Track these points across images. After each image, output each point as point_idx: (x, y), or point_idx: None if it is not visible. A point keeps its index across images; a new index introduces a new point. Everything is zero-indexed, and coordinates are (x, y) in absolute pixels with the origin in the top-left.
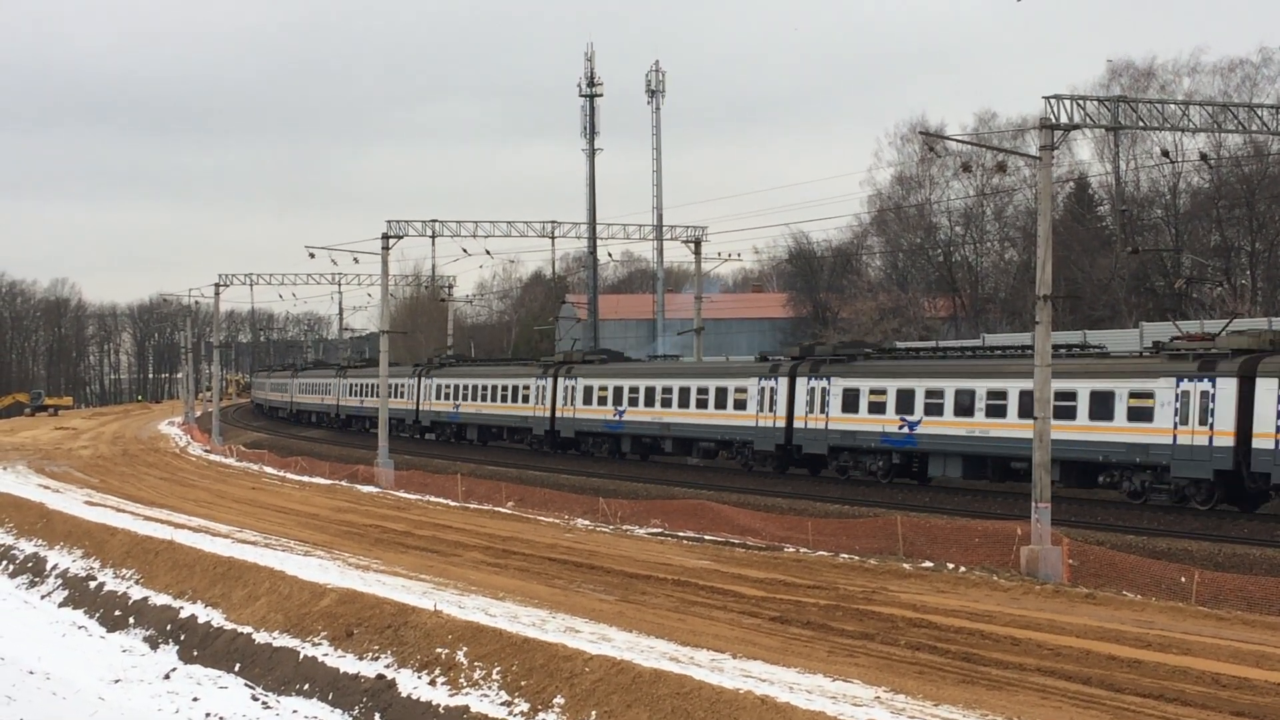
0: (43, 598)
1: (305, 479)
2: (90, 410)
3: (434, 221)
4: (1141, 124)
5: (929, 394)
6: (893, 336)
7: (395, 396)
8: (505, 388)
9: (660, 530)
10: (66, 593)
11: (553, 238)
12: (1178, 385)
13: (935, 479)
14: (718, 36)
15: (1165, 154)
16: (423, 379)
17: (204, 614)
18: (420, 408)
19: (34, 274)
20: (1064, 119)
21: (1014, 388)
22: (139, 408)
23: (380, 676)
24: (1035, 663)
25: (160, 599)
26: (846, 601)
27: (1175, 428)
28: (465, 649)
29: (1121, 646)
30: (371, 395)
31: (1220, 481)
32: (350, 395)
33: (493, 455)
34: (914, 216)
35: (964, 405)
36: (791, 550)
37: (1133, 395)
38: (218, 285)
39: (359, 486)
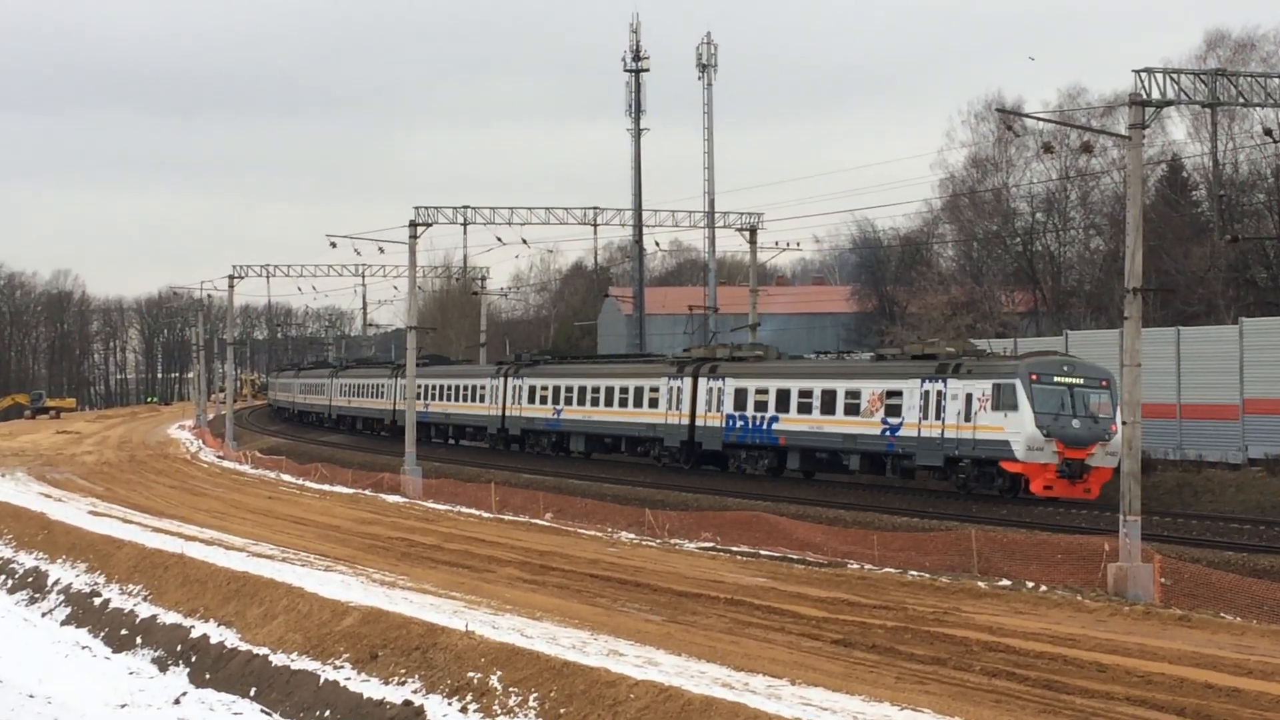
0: (44, 615)
1: (326, 488)
2: (95, 413)
3: (466, 208)
4: (1242, 100)
5: (779, 393)
6: (966, 334)
7: (471, 400)
8: (626, 390)
9: (712, 545)
10: (69, 610)
11: (595, 225)
12: (921, 385)
13: (789, 472)
14: (773, 7)
15: (1268, 133)
16: (509, 379)
17: (217, 634)
18: (506, 413)
19: (34, 265)
20: (1156, 95)
21: (842, 387)
22: (147, 410)
23: (407, 703)
24: (1124, 691)
25: (170, 617)
26: (916, 623)
27: (920, 422)
28: (499, 673)
29: (1219, 674)
30: (448, 398)
31: (948, 466)
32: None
33: (530, 462)
34: (990, 202)
35: (805, 404)
36: (855, 567)
37: (889, 394)
38: (232, 277)
39: (384, 496)
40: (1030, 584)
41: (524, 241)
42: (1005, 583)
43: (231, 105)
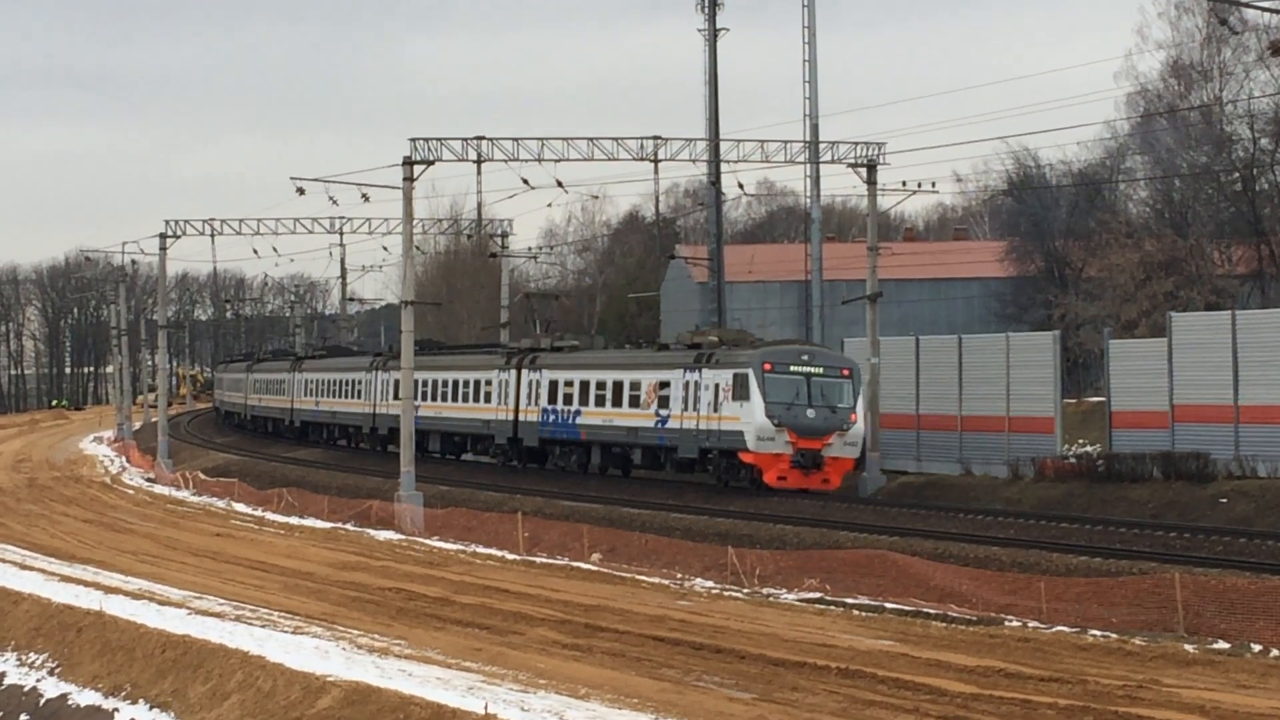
0: None
1: (294, 521)
2: None
3: (479, 139)
4: None
5: (581, 385)
6: (1165, 304)
7: (472, 400)
8: (468, 384)
9: (818, 595)
10: None
11: (655, 161)
12: (683, 376)
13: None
14: None
15: None
16: (525, 372)
17: None
18: (521, 417)
19: None
20: None
21: (627, 379)
22: (51, 416)
23: None
24: None
25: (85, 697)
26: (1100, 701)
27: (681, 413)
28: None
29: None
30: (452, 399)
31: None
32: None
33: (573, 485)
34: (1197, 124)
35: (600, 396)
36: (1015, 624)
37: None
38: (164, 235)
39: (372, 532)
40: (1257, 647)
41: (559, 184)
42: (1222, 645)
43: (162, 2)
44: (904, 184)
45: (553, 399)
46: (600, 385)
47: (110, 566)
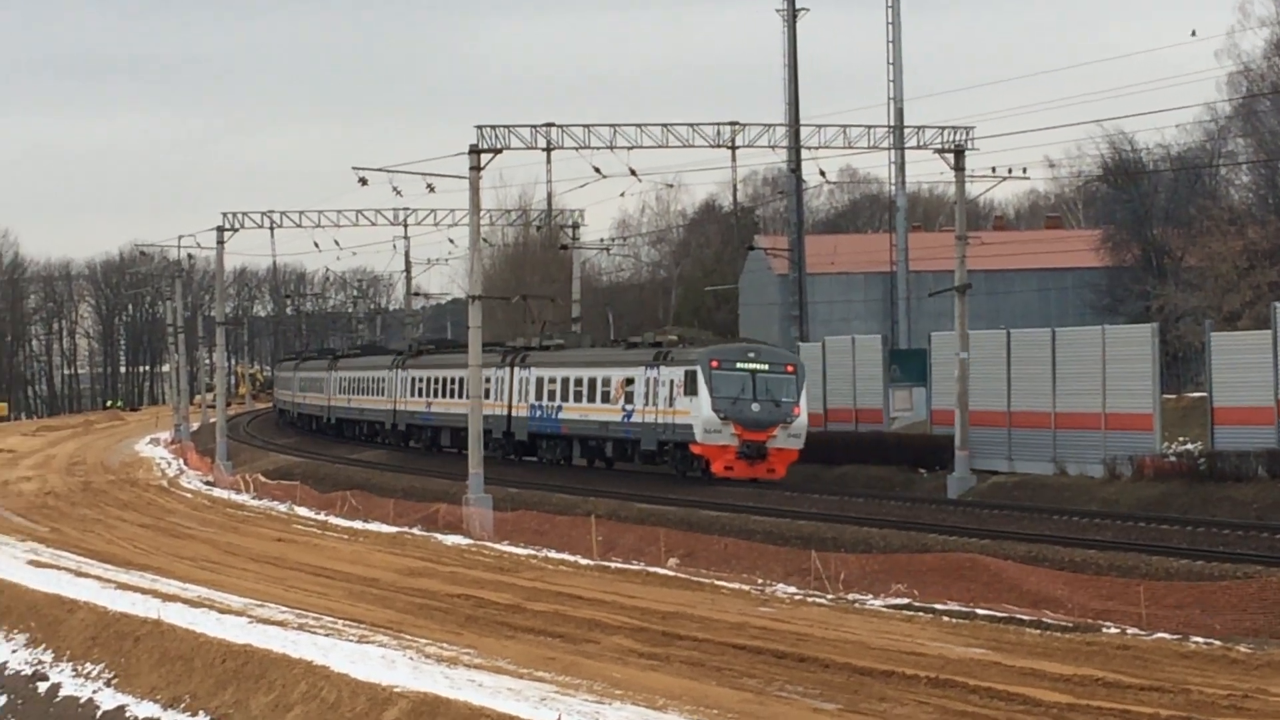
0: None
1: (358, 525)
2: (34, 423)
3: (549, 126)
4: None
5: (563, 381)
6: (1269, 294)
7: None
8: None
9: (906, 601)
10: (4, 699)
11: (733, 148)
12: (645, 372)
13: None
14: None
15: None
16: (517, 370)
17: None
18: (514, 413)
19: None
20: None
21: (600, 375)
22: (107, 418)
23: None
24: None
25: (143, 709)
26: (1203, 712)
27: (643, 407)
28: None
29: None
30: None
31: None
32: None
33: (648, 487)
34: None
35: (578, 392)
36: (1113, 631)
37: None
38: (222, 229)
39: (439, 536)
40: None
41: (632, 173)
42: None
43: None
44: (993, 170)
45: (539, 395)
46: (578, 382)
47: (168, 573)
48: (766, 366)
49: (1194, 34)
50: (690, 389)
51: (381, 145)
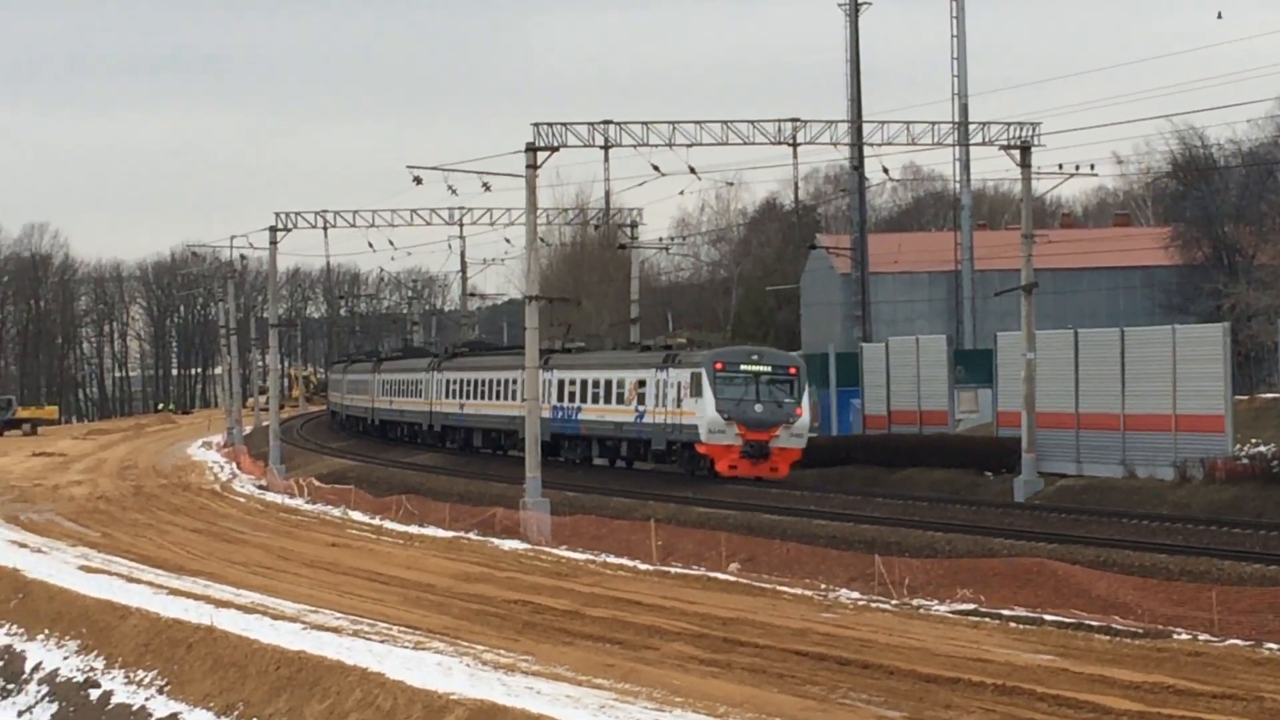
0: (20, 715)
1: (413, 530)
2: (85, 426)
3: (606, 124)
4: None
5: (582, 384)
6: None
7: (504, 398)
8: (502, 383)
9: (971, 606)
10: (55, 706)
11: (794, 145)
12: (655, 374)
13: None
14: None
15: None
16: (541, 372)
17: None
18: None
19: None
20: None
21: (615, 377)
22: (158, 421)
23: None
24: None
25: (196, 716)
26: None
27: (653, 409)
28: None
29: None
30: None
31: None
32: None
33: (709, 490)
34: None
35: (596, 394)
36: (1185, 637)
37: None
38: (275, 229)
39: (496, 541)
40: None
41: (692, 170)
42: None
43: None
44: (1060, 167)
45: (561, 397)
46: (595, 384)
47: (221, 579)
48: (769, 369)
49: (1220, 16)
50: (696, 391)
51: (436, 144)
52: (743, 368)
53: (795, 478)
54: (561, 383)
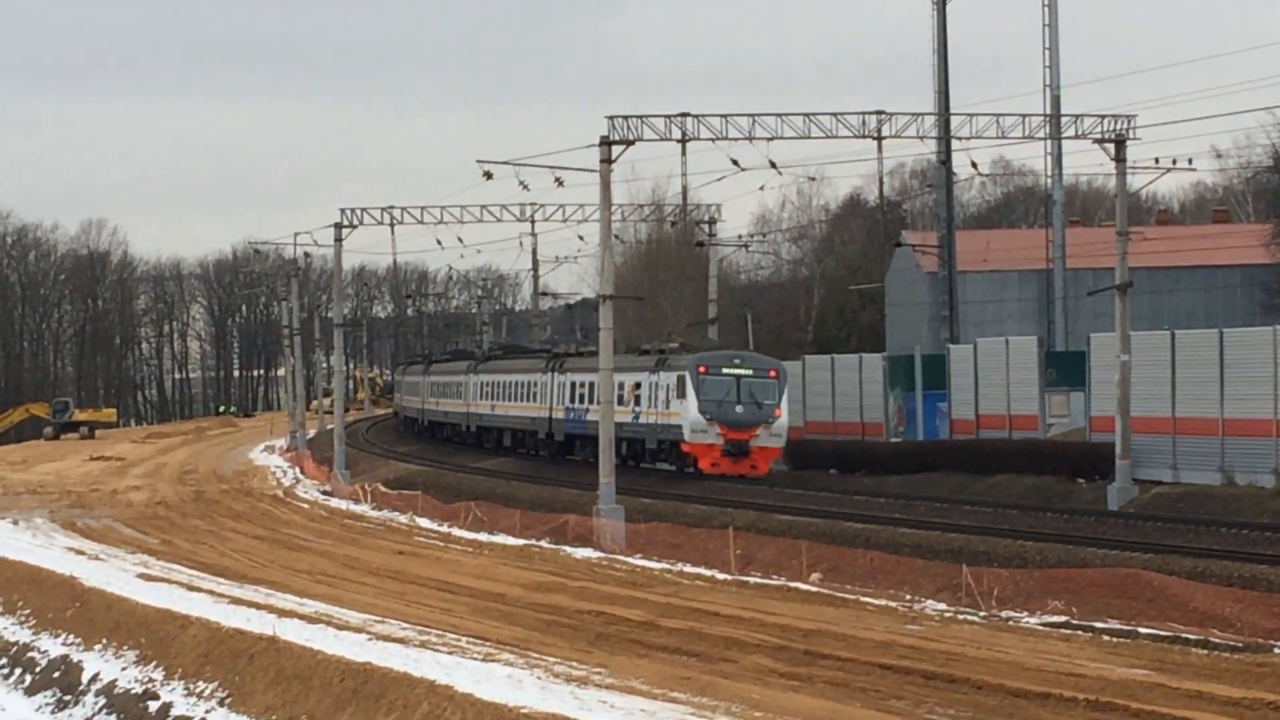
0: None
1: (483, 537)
2: (144, 429)
3: (684, 116)
4: None
5: (590, 385)
6: None
7: (526, 400)
8: (520, 384)
9: (1063, 618)
10: (113, 719)
11: (879, 138)
12: (649, 377)
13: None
14: None
15: None
16: (555, 375)
17: None
18: (553, 415)
19: (54, 214)
20: None
21: (615, 379)
22: (219, 424)
23: None
24: None
25: None
26: None
27: (647, 409)
28: None
29: None
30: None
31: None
32: None
33: (784, 496)
34: None
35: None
36: None
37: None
38: (340, 225)
39: (568, 549)
40: None
41: (772, 165)
42: None
43: None
44: (1156, 161)
45: (572, 398)
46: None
47: (284, 587)
48: (750, 372)
49: None
50: (680, 393)
51: (507, 138)
52: (725, 371)
53: (878, 484)
54: (573, 385)
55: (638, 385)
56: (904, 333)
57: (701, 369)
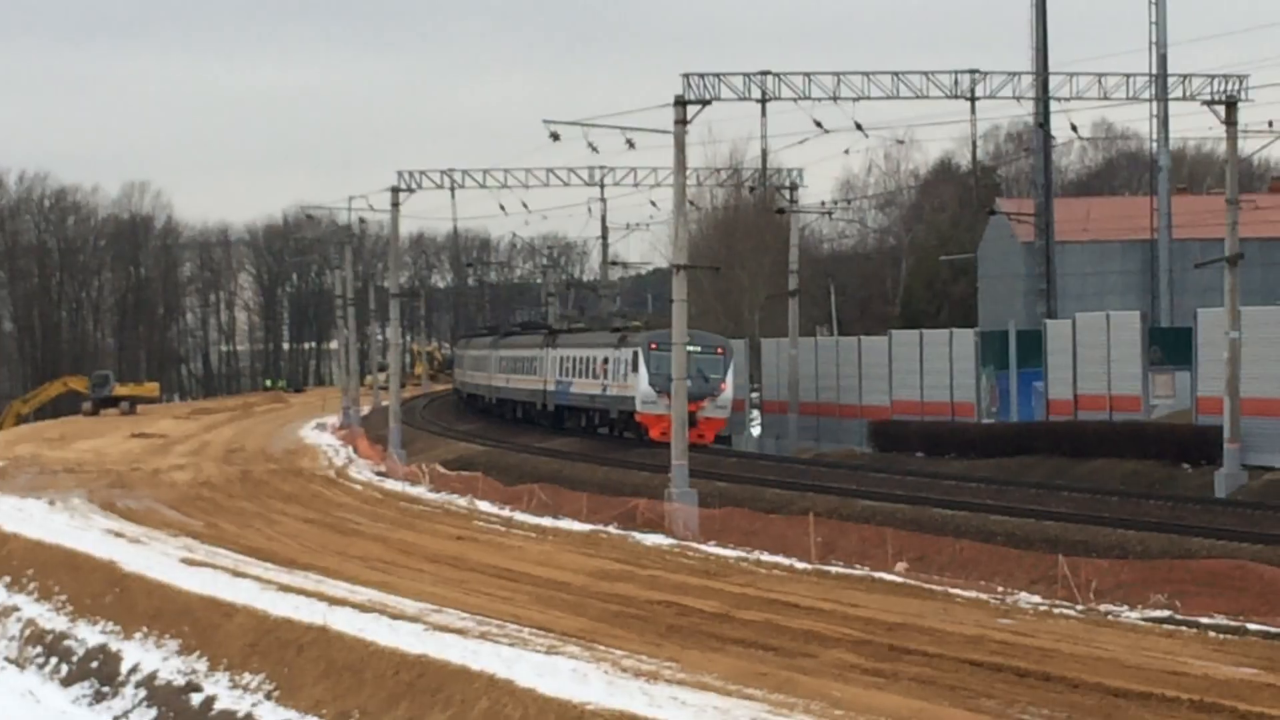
0: None
1: (547, 522)
2: (188, 405)
3: (764, 75)
4: None
5: (573, 359)
6: None
7: (526, 373)
8: (520, 360)
9: (1166, 613)
10: (154, 712)
11: (972, 99)
12: (613, 352)
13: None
14: None
15: None
16: (549, 350)
17: None
18: (546, 387)
19: (95, 176)
20: None
21: (587, 354)
22: (268, 399)
23: None
24: None
25: None
26: None
27: (610, 383)
28: None
29: None
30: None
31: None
32: None
33: (868, 480)
34: None
35: (581, 370)
36: None
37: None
38: (397, 189)
39: (638, 535)
40: None
41: (858, 127)
42: None
43: None
44: (1270, 124)
45: (560, 372)
46: (579, 360)
47: (335, 574)
48: (699, 349)
49: None
50: (634, 367)
51: (576, 97)
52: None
53: (969, 468)
54: (562, 359)
55: (605, 360)
56: (997, 307)
57: (653, 345)
